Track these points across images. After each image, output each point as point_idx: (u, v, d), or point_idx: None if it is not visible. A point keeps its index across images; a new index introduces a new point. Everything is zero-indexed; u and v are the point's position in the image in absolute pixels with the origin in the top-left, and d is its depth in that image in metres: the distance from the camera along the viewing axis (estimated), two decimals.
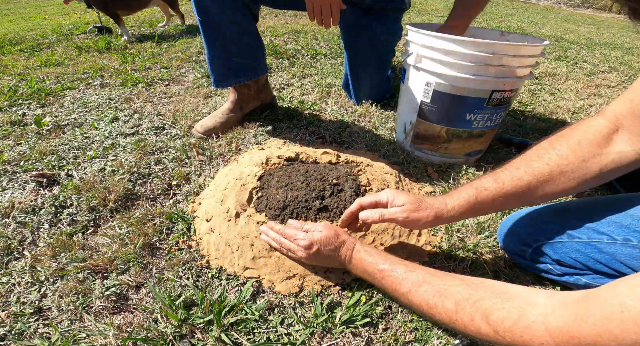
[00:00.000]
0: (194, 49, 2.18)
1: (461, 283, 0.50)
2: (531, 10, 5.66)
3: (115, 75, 1.75)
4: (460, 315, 0.47)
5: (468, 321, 0.46)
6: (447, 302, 0.49)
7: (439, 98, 0.96)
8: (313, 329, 0.61)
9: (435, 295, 0.50)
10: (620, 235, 0.56)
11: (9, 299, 0.65)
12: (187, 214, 0.85)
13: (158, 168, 1.02)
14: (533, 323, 0.40)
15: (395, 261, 0.59)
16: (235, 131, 1.22)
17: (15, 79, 1.70)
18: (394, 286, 0.56)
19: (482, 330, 0.44)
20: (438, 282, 0.52)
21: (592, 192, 1.00)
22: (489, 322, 0.44)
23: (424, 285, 0.53)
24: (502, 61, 0.86)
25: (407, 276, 0.55)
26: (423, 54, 0.95)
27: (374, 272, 0.59)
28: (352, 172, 0.89)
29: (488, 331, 0.44)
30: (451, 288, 0.50)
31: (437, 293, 0.51)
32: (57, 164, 1.02)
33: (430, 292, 0.51)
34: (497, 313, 0.44)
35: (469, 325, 0.46)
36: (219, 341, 0.58)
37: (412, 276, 0.55)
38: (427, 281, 0.53)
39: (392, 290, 0.57)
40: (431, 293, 0.51)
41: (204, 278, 0.70)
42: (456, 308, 0.47)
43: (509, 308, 0.43)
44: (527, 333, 0.40)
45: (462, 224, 0.84)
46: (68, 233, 0.79)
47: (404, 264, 0.58)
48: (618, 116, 0.54)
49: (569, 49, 2.68)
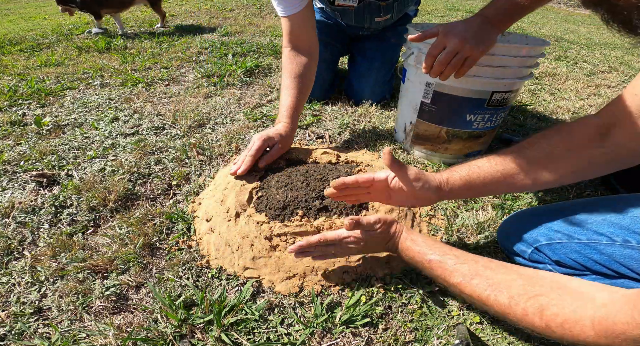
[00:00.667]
0: (194, 49, 2.18)
1: (517, 278, 0.50)
2: None
3: (115, 75, 1.75)
4: (514, 310, 0.47)
5: (521, 315, 0.46)
6: (500, 296, 0.49)
7: (439, 99, 0.96)
8: (313, 329, 0.61)
9: (488, 288, 0.51)
10: (620, 236, 0.56)
11: (9, 299, 0.65)
12: (187, 214, 0.85)
13: (158, 168, 1.02)
14: (582, 318, 0.41)
15: (443, 250, 0.59)
16: (236, 131, 1.22)
17: (15, 79, 1.70)
18: (444, 277, 0.57)
19: (535, 324, 0.45)
20: (491, 275, 0.52)
21: (592, 192, 1.00)
22: (542, 317, 0.44)
23: (476, 278, 0.53)
24: (502, 61, 0.86)
25: (458, 269, 0.55)
26: (423, 54, 0.94)
27: (422, 262, 0.60)
28: (352, 172, 0.89)
29: (541, 325, 0.45)
30: (506, 283, 0.50)
31: (490, 286, 0.51)
32: (57, 164, 1.02)
33: (482, 285, 0.51)
34: (552, 309, 0.44)
35: (521, 318, 0.47)
36: (219, 341, 0.58)
37: (463, 268, 0.55)
38: (479, 274, 0.53)
39: (442, 279, 0.57)
40: (484, 286, 0.51)
41: (204, 278, 0.70)
42: (509, 302, 0.48)
43: (565, 304, 0.44)
44: (576, 327, 0.41)
45: (462, 224, 0.84)
46: (68, 233, 0.79)
47: (454, 255, 0.58)
48: (614, 113, 0.55)
49: (569, 49, 2.68)
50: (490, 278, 0.52)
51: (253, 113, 1.36)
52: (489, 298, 0.50)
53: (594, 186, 1.02)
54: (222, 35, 2.55)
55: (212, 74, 1.75)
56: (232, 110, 1.40)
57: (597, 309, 0.41)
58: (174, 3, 4.14)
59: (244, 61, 1.89)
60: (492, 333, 0.62)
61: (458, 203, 0.92)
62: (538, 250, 0.66)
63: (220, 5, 3.82)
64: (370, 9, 1.24)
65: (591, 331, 0.40)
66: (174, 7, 3.82)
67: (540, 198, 0.94)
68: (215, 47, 2.21)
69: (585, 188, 1.01)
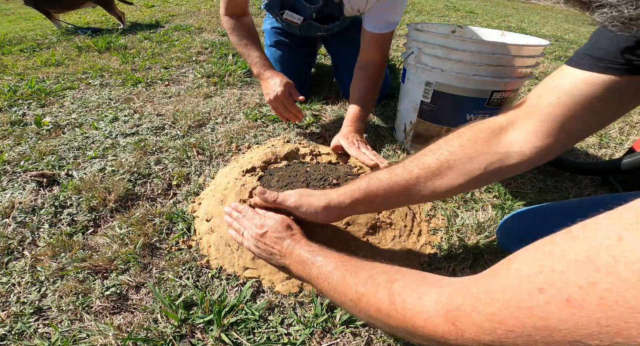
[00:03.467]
0: (194, 49, 2.18)
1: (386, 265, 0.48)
2: (531, 10, 5.66)
3: (115, 75, 1.74)
4: (368, 287, 0.44)
5: (373, 293, 0.42)
6: (360, 275, 0.46)
7: (439, 99, 0.96)
8: (313, 329, 0.61)
9: (353, 272, 0.48)
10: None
11: (9, 299, 0.65)
12: (187, 214, 0.85)
13: (158, 168, 1.02)
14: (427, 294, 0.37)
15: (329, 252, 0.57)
16: (236, 131, 1.22)
17: (15, 79, 1.70)
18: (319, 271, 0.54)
19: (382, 304, 0.40)
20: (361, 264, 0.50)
21: (592, 192, 1.00)
22: (390, 292, 0.40)
23: (348, 266, 0.51)
24: (502, 61, 0.86)
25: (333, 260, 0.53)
26: (423, 53, 0.95)
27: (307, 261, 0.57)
28: (352, 172, 0.89)
29: (387, 303, 0.40)
30: (371, 267, 0.48)
31: (355, 271, 0.48)
32: (57, 164, 1.02)
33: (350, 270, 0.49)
34: (400, 282, 0.41)
35: (372, 299, 0.42)
36: (219, 341, 0.58)
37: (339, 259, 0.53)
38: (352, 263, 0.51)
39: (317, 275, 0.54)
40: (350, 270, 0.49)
41: (204, 278, 0.70)
42: (367, 280, 0.44)
43: (414, 279, 0.40)
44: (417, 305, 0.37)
45: (462, 224, 0.84)
46: (68, 233, 0.79)
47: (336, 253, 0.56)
48: (517, 113, 0.54)
49: (569, 49, 2.68)
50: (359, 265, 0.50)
51: (253, 113, 1.36)
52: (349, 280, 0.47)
53: (594, 186, 1.02)
54: (222, 35, 2.55)
55: (212, 74, 1.75)
56: (232, 110, 1.40)
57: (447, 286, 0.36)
58: (174, 3, 4.14)
59: (244, 61, 1.89)
60: None
61: (458, 203, 0.92)
62: None
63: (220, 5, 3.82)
64: (312, 27, 1.34)
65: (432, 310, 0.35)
66: (174, 7, 3.82)
67: (540, 198, 0.94)
68: (215, 47, 2.21)
69: (585, 188, 1.01)
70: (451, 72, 0.90)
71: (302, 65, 1.54)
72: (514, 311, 0.28)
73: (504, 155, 0.53)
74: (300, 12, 1.27)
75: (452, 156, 0.56)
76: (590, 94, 0.46)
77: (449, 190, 0.56)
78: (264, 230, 0.65)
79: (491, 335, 0.29)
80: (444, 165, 0.56)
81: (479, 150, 0.54)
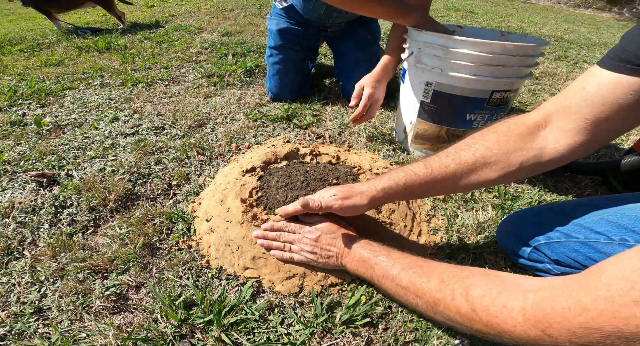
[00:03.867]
0: (194, 49, 2.18)
1: (449, 266, 0.50)
2: (531, 10, 5.66)
3: (115, 75, 1.75)
4: (444, 293, 0.45)
5: (450, 299, 0.44)
6: (432, 281, 0.48)
7: (439, 99, 0.96)
8: (313, 329, 0.61)
9: (423, 275, 0.50)
10: (617, 235, 0.56)
11: (9, 299, 0.65)
12: (187, 214, 0.85)
13: (158, 168, 1.02)
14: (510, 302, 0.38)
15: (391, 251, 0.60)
16: (236, 131, 1.22)
17: (15, 79, 1.70)
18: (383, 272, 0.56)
19: (462, 310, 0.42)
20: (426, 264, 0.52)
21: (592, 192, 1.00)
22: (468, 299, 0.42)
23: (414, 268, 0.53)
24: (502, 61, 0.86)
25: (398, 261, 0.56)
26: (423, 53, 0.95)
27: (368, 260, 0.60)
28: (351, 172, 0.89)
29: (467, 309, 0.41)
30: (438, 269, 0.50)
31: (425, 273, 0.50)
32: (57, 164, 1.02)
33: (418, 273, 0.51)
34: (477, 289, 0.41)
35: (450, 304, 0.44)
36: (219, 341, 0.58)
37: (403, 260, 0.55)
38: (418, 264, 0.53)
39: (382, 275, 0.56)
40: (418, 273, 0.51)
41: (204, 278, 0.70)
42: (440, 286, 0.46)
43: (492, 286, 0.41)
44: (503, 312, 0.38)
45: (462, 224, 0.84)
46: (68, 233, 0.79)
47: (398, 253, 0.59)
48: (550, 111, 0.55)
49: (569, 49, 2.68)
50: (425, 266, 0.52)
51: (253, 113, 1.36)
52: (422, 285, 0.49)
53: (594, 186, 1.02)
54: (222, 35, 2.55)
55: (212, 74, 1.75)
56: (232, 110, 1.40)
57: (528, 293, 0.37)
58: (174, 3, 4.14)
59: (244, 61, 1.89)
60: None
61: (458, 203, 0.92)
62: (537, 250, 0.66)
63: (220, 5, 3.82)
64: None
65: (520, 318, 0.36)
66: (174, 7, 3.82)
67: (540, 198, 0.94)
68: (215, 47, 2.21)
69: (585, 188, 1.01)
70: (451, 72, 0.90)
71: (304, 65, 1.54)
72: (609, 320, 0.30)
73: (539, 151, 0.54)
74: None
75: (488, 151, 0.57)
76: (619, 96, 0.47)
77: (483, 183, 0.58)
78: (318, 234, 0.66)
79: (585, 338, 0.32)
80: (480, 161, 0.57)
81: (515, 146, 0.55)
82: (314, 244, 0.67)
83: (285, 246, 0.70)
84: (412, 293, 0.51)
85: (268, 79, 1.51)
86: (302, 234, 0.68)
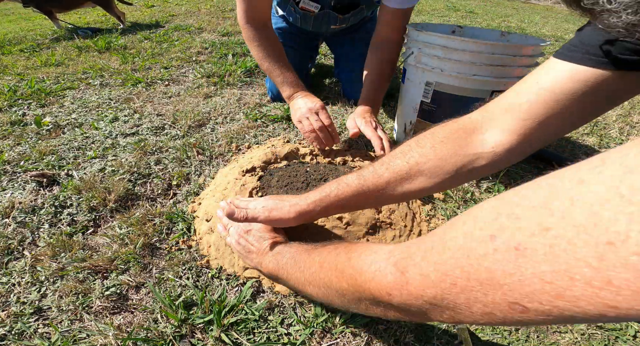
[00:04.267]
0: (194, 49, 2.18)
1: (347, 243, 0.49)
2: (531, 10, 5.66)
3: (115, 75, 1.74)
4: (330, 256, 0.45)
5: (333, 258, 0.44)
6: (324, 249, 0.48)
7: (439, 99, 0.96)
8: (313, 329, 0.61)
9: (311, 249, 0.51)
10: None
11: (9, 299, 0.65)
12: (187, 214, 0.85)
13: (158, 168, 1.02)
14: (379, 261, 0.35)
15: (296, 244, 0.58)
16: (236, 131, 1.22)
17: (15, 79, 1.70)
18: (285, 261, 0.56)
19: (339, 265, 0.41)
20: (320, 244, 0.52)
21: None
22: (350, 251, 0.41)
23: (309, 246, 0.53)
24: (502, 61, 0.86)
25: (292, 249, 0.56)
26: (423, 53, 0.95)
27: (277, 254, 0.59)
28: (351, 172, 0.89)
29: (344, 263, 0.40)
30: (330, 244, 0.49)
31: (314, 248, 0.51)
32: (57, 164, 1.02)
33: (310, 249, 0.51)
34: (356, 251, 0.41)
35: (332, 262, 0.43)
36: (219, 341, 0.58)
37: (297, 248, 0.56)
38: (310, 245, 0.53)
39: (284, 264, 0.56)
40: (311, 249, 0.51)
41: (204, 278, 0.70)
42: (328, 252, 0.46)
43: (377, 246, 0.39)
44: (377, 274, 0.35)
45: None
46: (68, 233, 0.79)
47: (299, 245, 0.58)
48: (492, 110, 0.52)
49: None
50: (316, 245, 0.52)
51: (253, 113, 1.36)
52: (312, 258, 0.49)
53: None
54: (222, 35, 2.55)
55: (212, 74, 1.75)
56: (232, 110, 1.40)
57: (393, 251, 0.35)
58: (174, 3, 4.14)
59: (244, 61, 1.89)
60: (492, 333, 0.62)
61: (458, 203, 0.92)
62: None
63: (220, 5, 3.82)
64: (328, 18, 1.32)
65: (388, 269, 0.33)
66: (174, 7, 3.82)
67: None
68: (215, 47, 2.21)
69: None
70: (451, 72, 0.90)
71: (304, 64, 1.54)
72: (461, 260, 0.26)
73: (475, 157, 0.52)
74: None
75: (422, 158, 0.54)
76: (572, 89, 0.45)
77: (419, 192, 0.55)
78: (250, 228, 0.65)
79: (434, 288, 0.28)
80: (414, 169, 0.54)
81: (450, 152, 0.53)
82: (242, 235, 0.65)
83: (228, 225, 0.69)
84: (304, 266, 0.50)
85: (268, 79, 1.51)
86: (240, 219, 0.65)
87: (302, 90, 1.05)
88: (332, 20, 1.33)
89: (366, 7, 1.32)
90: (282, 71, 1.05)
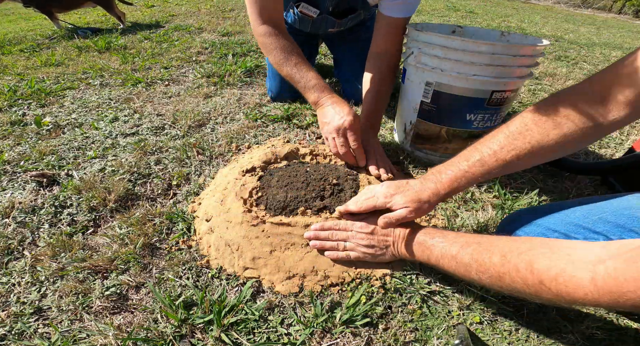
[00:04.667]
0: (194, 49, 2.18)
1: (507, 240, 0.51)
2: (531, 10, 5.66)
3: (115, 75, 1.75)
4: (507, 267, 0.46)
5: (515, 273, 0.45)
6: (494, 257, 0.49)
7: (439, 99, 0.96)
8: (313, 329, 0.61)
9: (483, 252, 0.51)
10: (616, 234, 0.56)
11: (9, 299, 0.65)
12: (187, 214, 0.85)
13: (158, 168, 1.02)
14: (579, 271, 0.38)
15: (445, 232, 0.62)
16: (236, 131, 1.22)
17: (15, 79, 1.70)
18: (441, 252, 0.58)
19: (528, 281, 0.43)
20: (483, 240, 0.53)
21: (592, 192, 1.00)
22: (533, 272, 0.42)
23: (472, 245, 0.54)
24: (502, 61, 0.86)
25: (455, 241, 0.57)
26: (423, 53, 0.95)
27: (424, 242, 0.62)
28: (352, 172, 0.89)
29: (534, 281, 0.42)
30: (497, 244, 0.51)
31: (485, 250, 0.51)
32: (57, 164, 1.02)
33: (478, 250, 0.52)
34: (542, 262, 0.42)
35: (515, 277, 0.45)
36: (219, 341, 0.58)
37: (459, 239, 0.57)
38: (475, 241, 0.54)
39: (440, 255, 0.58)
40: (478, 250, 0.52)
41: (204, 278, 0.70)
42: (502, 261, 0.47)
43: (557, 257, 0.41)
44: (571, 283, 0.38)
45: (462, 224, 0.84)
46: (68, 233, 0.79)
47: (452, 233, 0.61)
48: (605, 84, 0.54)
49: (569, 49, 2.68)
50: (483, 243, 0.53)
51: (253, 113, 1.36)
52: (484, 261, 0.50)
53: (594, 186, 1.02)
54: (222, 35, 2.55)
55: (212, 74, 1.75)
56: (232, 110, 1.40)
57: (598, 265, 0.38)
58: (174, 3, 4.14)
59: (244, 61, 1.89)
60: (492, 333, 0.62)
61: (458, 203, 0.92)
62: None
63: (220, 5, 3.82)
64: (326, 22, 1.32)
65: (591, 287, 0.37)
66: (174, 7, 3.82)
67: (540, 198, 0.94)
68: (215, 47, 2.21)
69: (585, 188, 1.01)
70: (451, 72, 0.90)
71: None
72: None
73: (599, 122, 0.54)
74: (318, 4, 1.24)
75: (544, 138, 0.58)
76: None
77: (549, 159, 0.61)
78: (372, 227, 0.67)
79: None
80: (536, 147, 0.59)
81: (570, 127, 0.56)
82: (370, 237, 0.67)
83: (339, 245, 0.70)
84: (475, 270, 0.52)
85: (268, 78, 1.51)
86: (355, 230, 0.69)
87: (328, 93, 0.96)
88: (329, 24, 1.34)
89: (363, 11, 1.33)
90: (304, 73, 0.97)
